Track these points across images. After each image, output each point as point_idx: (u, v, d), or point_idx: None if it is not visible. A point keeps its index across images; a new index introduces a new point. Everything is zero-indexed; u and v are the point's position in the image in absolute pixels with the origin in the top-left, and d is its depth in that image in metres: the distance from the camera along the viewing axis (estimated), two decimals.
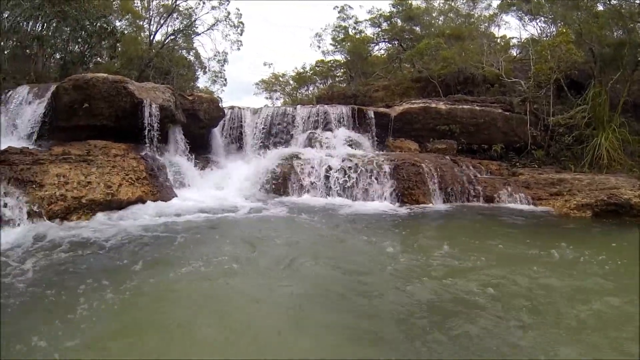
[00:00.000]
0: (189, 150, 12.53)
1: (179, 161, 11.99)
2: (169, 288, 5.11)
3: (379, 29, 29.06)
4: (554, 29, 20.66)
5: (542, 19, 22.09)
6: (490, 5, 26.99)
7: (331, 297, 4.90)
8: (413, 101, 16.67)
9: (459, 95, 17.66)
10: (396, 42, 28.79)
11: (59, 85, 11.32)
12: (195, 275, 5.48)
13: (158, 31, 27.96)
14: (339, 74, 32.06)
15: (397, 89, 21.62)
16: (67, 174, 8.59)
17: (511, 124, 15.70)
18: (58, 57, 21.35)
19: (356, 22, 29.54)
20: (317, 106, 16.02)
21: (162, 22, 27.57)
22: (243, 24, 28.47)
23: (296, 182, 11.84)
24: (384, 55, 30.62)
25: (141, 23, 27.80)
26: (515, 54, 24.42)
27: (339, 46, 30.09)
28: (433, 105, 15.90)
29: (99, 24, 20.08)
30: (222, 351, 3.77)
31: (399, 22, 28.10)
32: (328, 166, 11.98)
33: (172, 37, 28.07)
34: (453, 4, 28.20)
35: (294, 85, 34.61)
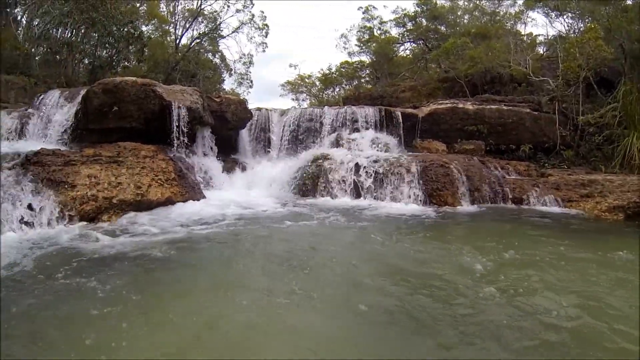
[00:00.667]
0: (216, 152, 12.69)
1: (207, 162, 12.16)
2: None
3: (404, 29, 28.95)
4: (582, 25, 20.20)
5: (569, 14, 21.51)
6: (515, 2, 26.55)
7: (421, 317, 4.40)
8: (440, 102, 16.58)
9: (486, 95, 17.46)
10: (421, 42, 28.62)
11: (89, 89, 11.48)
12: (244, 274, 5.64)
13: (184, 35, 28.43)
14: (364, 75, 32.06)
15: (423, 89, 21.51)
16: (98, 174, 8.75)
17: (539, 124, 15.39)
18: (87, 62, 21.78)
19: (381, 23, 29.56)
20: (345, 107, 15.99)
21: (187, 26, 27.98)
22: (268, 26, 28.72)
23: (324, 183, 11.86)
24: (410, 56, 30.51)
25: (167, 27, 28.25)
26: (543, 51, 24.01)
27: (364, 47, 30.10)
28: (460, 105, 15.78)
29: (126, 29, 20.47)
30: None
31: (423, 22, 27.95)
32: (356, 167, 11.98)
33: (197, 40, 28.46)
34: (478, 2, 27.87)
35: (320, 87, 34.71)
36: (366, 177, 11.76)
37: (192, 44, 28.29)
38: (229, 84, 32.59)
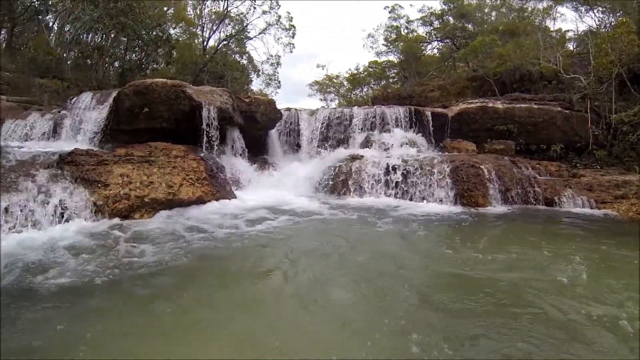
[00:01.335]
0: (246, 152, 12.74)
1: (237, 162, 12.23)
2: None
3: (431, 27, 28.81)
4: (613, 20, 19.77)
5: (599, 9, 21.04)
6: None
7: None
8: (470, 101, 16.40)
9: (516, 94, 17.12)
10: (449, 40, 28.43)
11: (120, 90, 11.67)
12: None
13: (211, 37, 28.77)
14: (392, 75, 31.96)
15: (452, 88, 21.34)
16: (130, 174, 8.85)
17: (571, 123, 15.02)
18: (117, 65, 22.27)
19: (408, 22, 29.44)
20: (374, 107, 15.94)
21: (214, 28, 28.30)
22: (294, 27, 28.91)
23: (355, 182, 11.82)
24: (437, 55, 30.33)
25: (195, 30, 28.60)
26: (573, 48, 23.59)
27: (391, 46, 30.02)
28: (490, 104, 15.57)
29: (154, 32, 20.83)
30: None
31: (450, 20, 27.77)
32: (386, 167, 11.90)
33: (224, 42, 28.77)
34: None
35: (347, 87, 34.72)
36: (396, 177, 11.68)
37: (220, 46, 28.60)
38: (256, 84, 32.94)
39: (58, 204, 7.54)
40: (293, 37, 29.30)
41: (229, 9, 27.64)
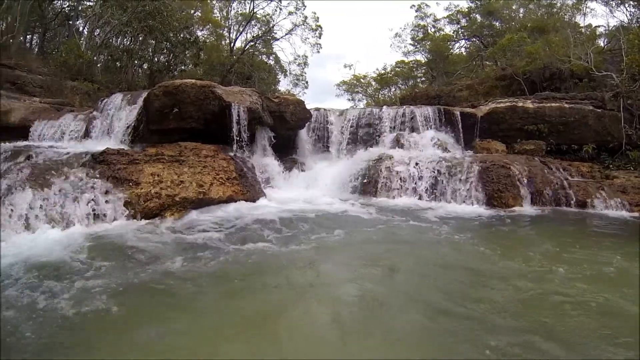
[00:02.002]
0: (276, 152, 12.76)
1: (266, 162, 12.25)
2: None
3: (458, 26, 28.55)
4: None
5: (631, 3, 20.39)
6: None
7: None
8: (499, 100, 16.08)
9: (546, 93, 16.60)
10: (476, 39, 28.12)
11: (150, 91, 11.73)
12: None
13: (238, 38, 29.04)
14: (420, 74, 31.79)
15: (480, 88, 21.00)
16: (161, 173, 8.94)
17: (603, 122, 14.44)
18: (145, 67, 22.56)
19: (435, 20, 29.26)
20: (403, 107, 15.79)
21: (241, 29, 28.56)
22: (321, 27, 28.95)
23: (384, 183, 11.76)
24: (465, 54, 30.05)
25: (221, 31, 28.85)
26: (603, 44, 23.04)
27: (419, 45, 29.86)
28: (520, 104, 15.22)
29: (182, 35, 21.16)
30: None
31: (478, 18, 27.46)
32: (416, 167, 11.81)
33: (251, 43, 28.98)
34: None
35: (375, 87, 34.63)
36: (426, 178, 11.58)
37: (247, 47, 28.83)
38: (284, 85, 33.14)
39: (90, 202, 7.66)
40: (320, 38, 29.43)
41: (255, 10, 27.93)
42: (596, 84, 16.55)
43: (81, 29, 22.48)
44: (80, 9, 21.91)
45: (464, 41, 29.54)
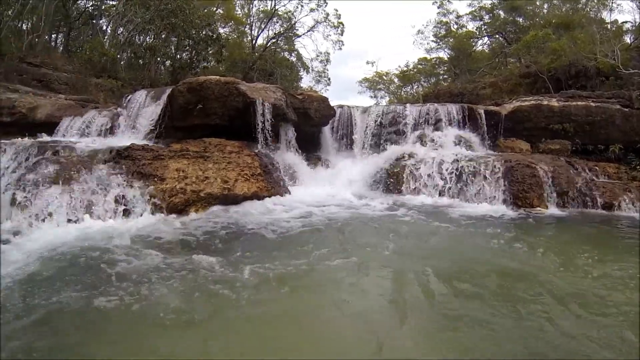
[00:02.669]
0: (299, 148, 12.72)
1: (290, 158, 12.21)
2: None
3: (481, 22, 28.23)
4: None
5: None
6: None
7: None
8: (523, 98, 15.75)
9: (572, 91, 16.14)
10: (499, 35, 27.76)
11: (174, 88, 11.77)
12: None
13: (260, 35, 29.10)
14: (442, 72, 31.55)
15: (504, 85, 20.62)
16: (185, 169, 8.96)
17: (631, 122, 13.96)
18: (168, 64, 22.72)
19: (457, 17, 29.00)
20: (427, 105, 15.59)
21: (263, 26, 28.63)
22: (343, 24, 28.90)
23: (408, 181, 11.69)
24: (488, 51, 29.70)
25: (243, 28, 28.94)
26: (630, 40, 22.59)
27: (441, 42, 29.63)
28: (545, 102, 14.84)
29: (204, 32, 21.29)
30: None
31: (501, 14, 27.09)
32: (440, 166, 11.69)
33: (273, 40, 29.03)
34: None
35: (398, 84, 34.40)
36: (450, 176, 11.45)
37: (268, 44, 28.91)
38: (306, 81, 33.11)
39: (116, 197, 7.74)
40: (342, 35, 29.36)
41: (276, 7, 27.96)
42: (623, 82, 16.10)
43: (105, 27, 22.75)
44: (103, 8, 22.16)
45: (487, 38, 29.20)
